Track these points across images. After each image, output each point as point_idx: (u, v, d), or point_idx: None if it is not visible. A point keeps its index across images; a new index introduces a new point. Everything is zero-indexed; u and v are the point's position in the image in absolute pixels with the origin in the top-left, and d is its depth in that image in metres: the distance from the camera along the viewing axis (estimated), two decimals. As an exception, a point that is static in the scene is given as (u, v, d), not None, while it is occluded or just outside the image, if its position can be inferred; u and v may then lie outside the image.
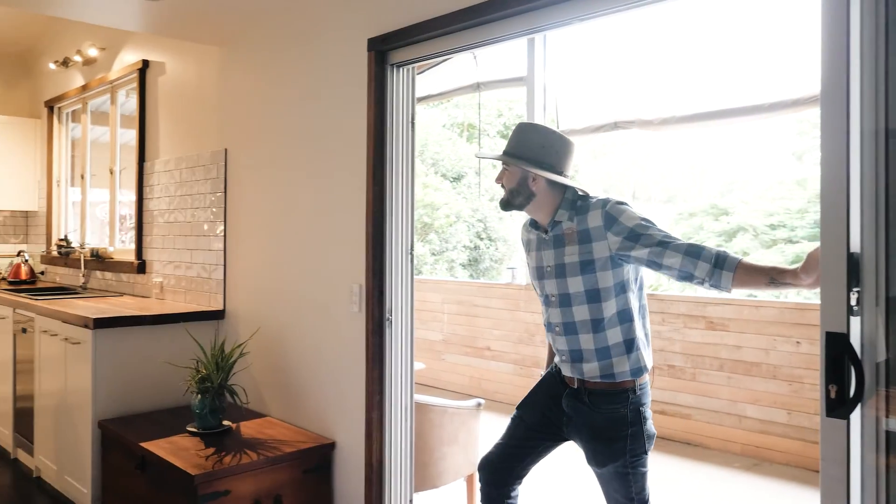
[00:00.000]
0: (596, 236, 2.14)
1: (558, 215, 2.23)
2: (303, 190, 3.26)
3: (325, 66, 3.13)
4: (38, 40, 5.91)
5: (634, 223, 2.10)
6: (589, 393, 2.22)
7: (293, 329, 3.33)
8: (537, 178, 2.23)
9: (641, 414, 2.20)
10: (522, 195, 2.27)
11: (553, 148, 2.25)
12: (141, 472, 3.01)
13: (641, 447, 2.19)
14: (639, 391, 2.20)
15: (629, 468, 2.18)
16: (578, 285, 2.18)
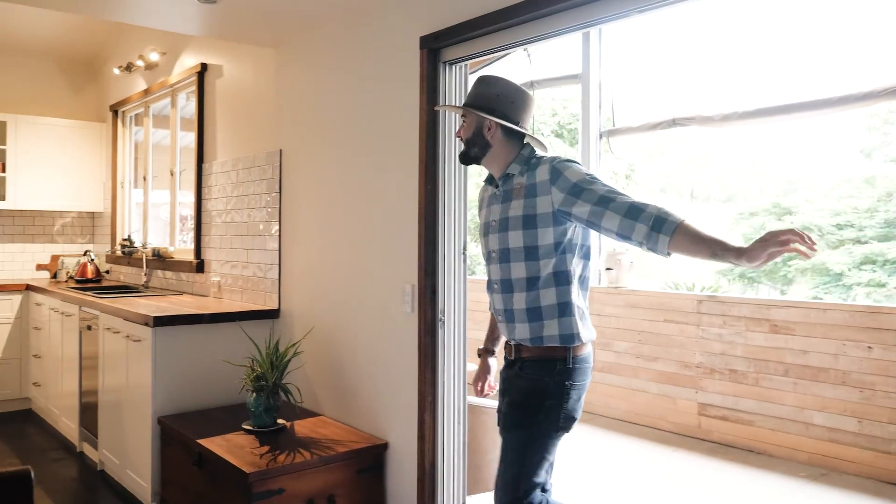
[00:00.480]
0: (541, 191, 2.07)
1: (511, 168, 2.17)
2: (356, 189, 3.26)
3: (378, 66, 3.12)
4: (103, 47, 6.10)
5: (578, 178, 2.02)
6: (521, 362, 2.14)
7: (346, 329, 3.33)
8: (493, 127, 2.17)
9: (565, 389, 2.08)
10: (478, 145, 2.21)
11: (508, 98, 2.17)
12: (198, 469, 3.06)
13: (554, 426, 2.07)
14: (570, 364, 2.08)
15: (529, 442, 2.06)
16: (518, 240, 2.11)
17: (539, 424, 2.07)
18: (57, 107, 6.26)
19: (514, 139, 2.20)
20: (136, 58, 5.36)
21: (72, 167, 6.06)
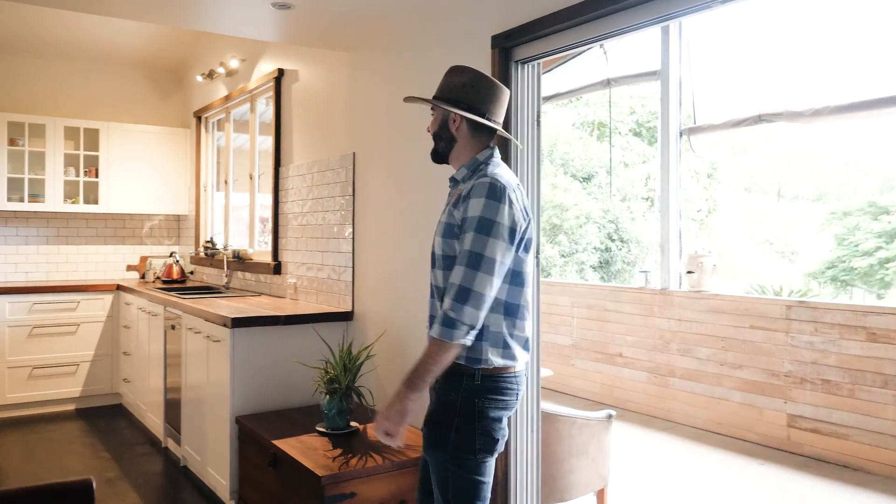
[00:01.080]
0: (462, 203, 1.94)
1: (458, 173, 2.06)
2: (426, 191, 3.24)
3: (450, 66, 3.08)
4: (187, 56, 6.32)
5: (470, 214, 1.88)
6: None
7: (419, 333, 3.31)
8: (458, 119, 2.04)
9: (476, 407, 1.93)
10: (444, 139, 2.10)
11: (475, 88, 2.02)
12: (273, 469, 3.10)
13: (471, 447, 1.92)
14: (478, 380, 1.94)
15: (450, 465, 1.92)
16: (440, 247, 2.01)
17: (454, 445, 1.92)
18: (145, 114, 6.53)
19: (482, 134, 2.07)
20: (217, 65, 5.52)
21: (159, 172, 6.31)
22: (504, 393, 1.98)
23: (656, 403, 5.56)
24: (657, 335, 5.59)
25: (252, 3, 3.22)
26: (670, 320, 5.46)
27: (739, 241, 12.55)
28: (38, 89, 6.08)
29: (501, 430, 1.99)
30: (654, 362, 5.61)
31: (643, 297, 5.74)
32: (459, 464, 1.94)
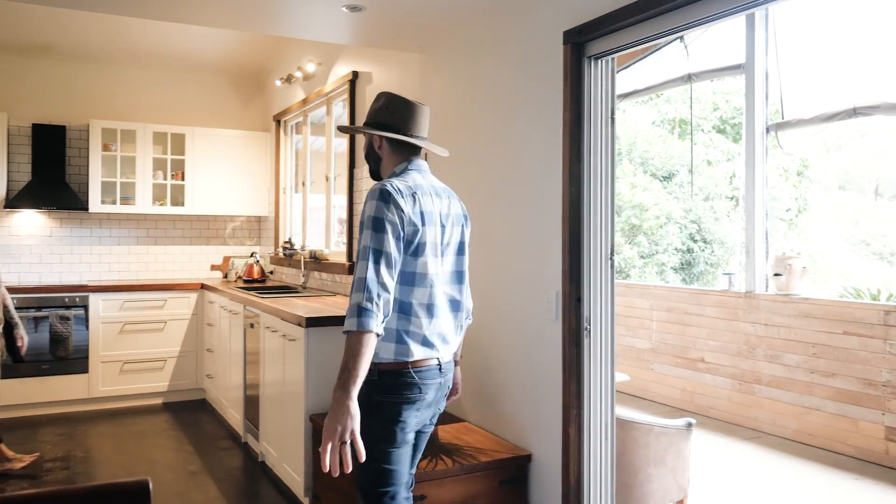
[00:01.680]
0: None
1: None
2: (497, 192, 3.19)
3: (520, 64, 3.03)
4: (267, 61, 6.49)
5: (365, 216, 2.08)
6: None
7: (489, 335, 3.27)
8: (379, 139, 2.27)
9: (373, 401, 2.11)
10: (372, 158, 2.32)
11: (389, 109, 2.25)
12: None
13: (373, 437, 2.10)
14: (374, 376, 2.11)
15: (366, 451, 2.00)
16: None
17: (363, 433, 2.01)
18: (228, 119, 6.75)
19: (403, 149, 2.27)
20: (295, 70, 5.64)
21: (241, 174, 6.50)
22: (401, 387, 2.13)
23: (740, 411, 5.32)
24: (742, 340, 5.35)
25: (325, 6, 3.26)
26: (756, 325, 5.22)
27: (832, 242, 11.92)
28: (129, 97, 6.38)
29: (401, 422, 2.14)
30: (739, 368, 5.37)
31: (727, 300, 5.51)
32: (370, 450, 2.06)
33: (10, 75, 5.97)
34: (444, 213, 2.23)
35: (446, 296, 2.24)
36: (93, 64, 6.24)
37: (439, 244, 2.20)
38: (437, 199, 2.22)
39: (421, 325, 2.15)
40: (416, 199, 2.13)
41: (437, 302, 2.18)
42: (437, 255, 2.19)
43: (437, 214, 2.20)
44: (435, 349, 2.19)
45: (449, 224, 2.24)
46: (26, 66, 6.02)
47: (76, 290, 5.64)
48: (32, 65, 6.04)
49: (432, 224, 2.17)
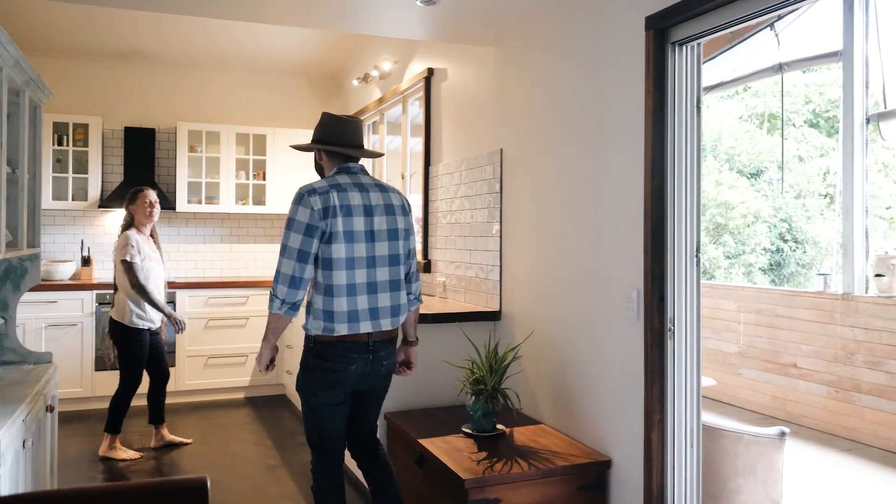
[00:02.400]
0: None
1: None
2: (576, 186, 3.09)
3: (599, 53, 2.92)
4: (345, 61, 6.56)
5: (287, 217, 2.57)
6: None
7: (567, 334, 3.17)
8: (317, 152, 2.76)
9: (310, 363, 2.63)
10: (318, 169, 2.83)
11: (322, 126, 2.72)
12: (419, 468, 3.09)
13: (308, 391, 2.65)
14: (311, 344, 2.62)
15: (303, 405, 2.71)
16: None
17: (302, 389, 2.68)
18: (307, 119, 6.86)
19: (336, 157, 2.71)
20: (371, 68, 5.67)
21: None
22: (328, 354, 2.59)
23: (837, 421, 4.99)
24: (838, 345, 5.02)
25: (400, 1, 3.24)
26: (854, 329, 4.88)
27: (939, 242, 11.11)
28: (214, 100, 6.57)
29: (329, 384, 2.61)
30: (835, 375, 5.04)
31: (822, 302, 5.18)
32: (306, 402, 2.69)
33: (104, 81, 6.25)
34: (370, 204, 2.60)
35: (375, 277, 2.61)
36: (180, 68, 6.46)
37: (363, 232, 2.58)
38: (362, 194, 2.60)
39: (343, 304, 2.53)
40: (330, 196, 2.52)
41: (359, 282, 2.56)
42: (361, 242, 2.57)
43: (360, 206, 2.58)
44: (361, 325, 2.57)
45: (378, 214, 2.62)
46: (120, 72, 6.29)
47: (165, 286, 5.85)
48: (125, 70, 6.31)
49: (350, 215, 2.55)
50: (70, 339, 5.55)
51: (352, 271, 2.54)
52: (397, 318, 2.68)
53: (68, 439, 4.80)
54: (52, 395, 2.96)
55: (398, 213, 2.68)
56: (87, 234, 6.20)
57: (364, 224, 2.57)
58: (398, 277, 2.67)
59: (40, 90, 2.93)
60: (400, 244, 2.68)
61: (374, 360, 2.63)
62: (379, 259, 2.61)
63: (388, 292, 2.63)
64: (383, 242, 2.62)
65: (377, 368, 2.66)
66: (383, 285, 2.61)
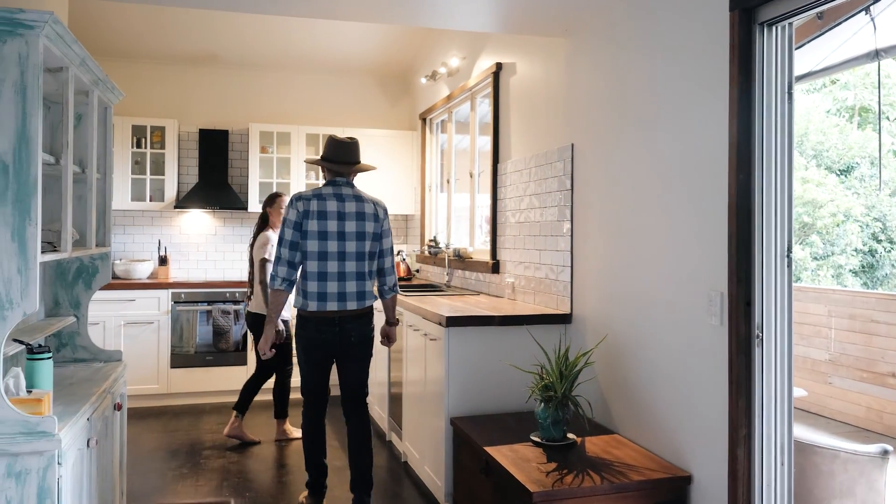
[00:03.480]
0: None
1: None
2: (652, 182, 2.90)
3: (678, 38, 2.72)
4: (413, 59, 6.51)
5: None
6: None
7: (643, 339, 2.98)
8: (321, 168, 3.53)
9: (296, 331, 3.46)
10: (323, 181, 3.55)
11: (326, 147, 3.45)
12: (485, 477, 2.97)
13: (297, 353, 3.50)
14: (297, 317, 3.44)
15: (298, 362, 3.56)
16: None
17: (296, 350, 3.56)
18: (375, 118, 6.85)
19: (331, 172, 3.43)
20: (439, 65, 5.58)
21: (388, 173, 6.56)
22: (306, 327, 3.37)
23: (943, 436, 4.59)
24: (944, 353, 4.61)
25: (466, -7, 3.13)
26: (963, 336, 4.47)
27: None
28: (284, 100, 6.63)
29: (306, 348, 3.42)
30: (940, 386, 4.63)
31: (925, 306, 4.78)
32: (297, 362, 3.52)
33: (180, 84, 6.40)
34: (343, 211, 3.31)
35: (345, 268, 3.32)
36: (252, 70, 6.55)
37: (335, 232, 3.29)
38: (338, 202, 3.32)
39: (315, 287, 3.30)
40: (311, 202, 3.28)
41: (329, 271, 3.30)
42: (333, 240, 3.29)
43: (335, 212, 3.29)
44: (328, 304, 3.31)
45: (349, 219, 3.31)
46: (195, 75, 6.43)
47: (236, 285, 5.93)
48: (200, 73, 6.44)
49: (325, 218, 3.28)
50: (147, 336, 5.69)
51: (323, 262, 3.28)
52: (363, 301, 3.39)
53: (143, 435, 4.91)
54: (120, 394, 2.99)
55: (368, 220, 3.35)
56: (164, 235, 6.35)
57: (336, 226, 3.29)
58: (364, 270, 3.37)
59: (110, 90, 2.96)
60: (367, 244, 3.35)
61: (341, 332, 3.35)
62: (348, 254, 3.32)
63: (355, 280, 3.34)
64: (352, 241, 3.32)
65: (346, 338, 3.38)
66: (351, 275, 3.33)
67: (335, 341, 3.36)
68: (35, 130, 2.02)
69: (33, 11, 1.99)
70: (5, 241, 2.00)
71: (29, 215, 2.02)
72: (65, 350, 3.09)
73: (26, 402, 2.05)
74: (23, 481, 2.01)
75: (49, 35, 2.08)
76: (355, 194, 3.38)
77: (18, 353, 2.48)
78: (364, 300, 3.39)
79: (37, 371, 2.18)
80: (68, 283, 3.07)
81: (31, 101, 2.02)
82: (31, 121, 2.02)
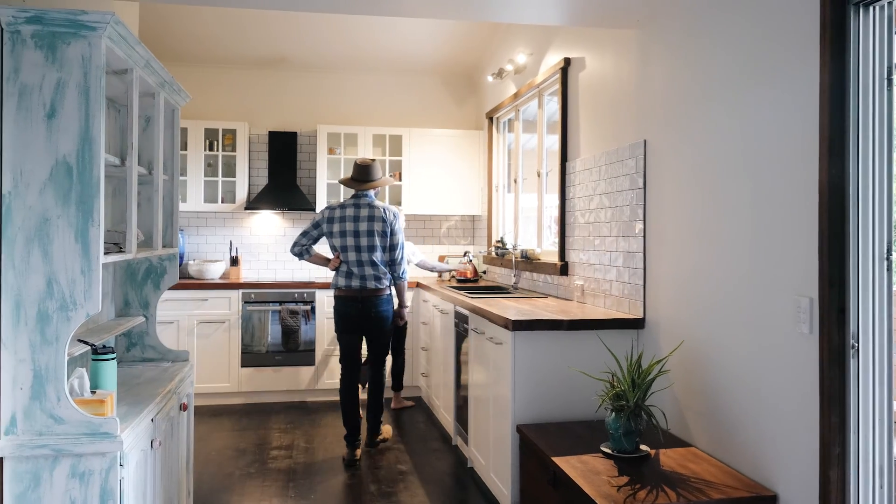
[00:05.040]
0: None
1: None
2: (733, 178, 2.71)
3: (761, 24, 2.53)
4: (480, 57, 6.41)
5: None
6: None
7: (723, 347, 2.79)
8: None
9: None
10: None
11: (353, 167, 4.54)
12: (552, 488, 2.84)
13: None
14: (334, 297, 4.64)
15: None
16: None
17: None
18: (442, 118, 6.79)
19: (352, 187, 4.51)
20: (506, 63, 5.47)
21: (455, 173, 6.49)
22: (337, 304, 4.46)
23: None
24: None
25: (533, -16, 3.02)
26: None
27: None
28: (352, 102, 6.65)
29: (338, 321, 4.47)
30: None
31: None
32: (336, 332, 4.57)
33: (251, 87, 6.50)
34: (357, 215, 4.35)
35: (361, 258, 4.35)
36: (320, 72, 6.59)
37: (350, 231, 4.34)
38: (355, 209, 4.37)
39: (342, 273, 4.42)
40: (334, 211, 4.41)
41: (349, 260, 4.36)
42: (347, 237, 4.34)
43: (351, 217, 4.36)
44: (351, 284, 4.37)
45: (361, 221, 4.34)
46: (264, 78, 6.52)
47: (304, 286, 5.97)
48: (270, 76, 6.52)
49: (343, 221, 4.36)
50: (218, 335, 5.79)
51: (345, 253, 4.37)
52: (376, 283, 4.36)
53: (213, 433, 4.98)
54: (186, 394, 3.01)
55: (377, 221, 4.35)
56: (236, 235, 6.47)
57: (352, 227, 4.34)
58: (376, 259, 4.35)
59: (176, 92, 2.99)
60: (377, 239, 4.34)
61: (363, 308, 4.37)
62: (362, 248, 4.34)
63: (369, 267, 4.35)
64: (364, 238, 4.33)
65: (367, 313, 4.38)
66: (366, 263, 4.35)
67: (358, 315, 4.38)
68: (98, 132, 2.03)
69: (95, 13, 1.99)
70: (69, 242, 2.02)
71: (92, 216, 2.03)
72: (134, 350, 3.14)
73: (90, 402, 2.06)
74: (86, 482, 2.02)
75: (111, 36, 2.08)
76: (369, 203, 4.40)
77: (84, 353, 2.51)
78: (377, 282, 4.36)
79: (101, 372, 2.19)
80: (137, 284, 3.12)
81: (93, 103, 2.02)
82: (93, 122, 2.02)
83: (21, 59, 1.99)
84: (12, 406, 1.99)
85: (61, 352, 2.01)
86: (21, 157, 1.99)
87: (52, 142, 2.00)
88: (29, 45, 1.99)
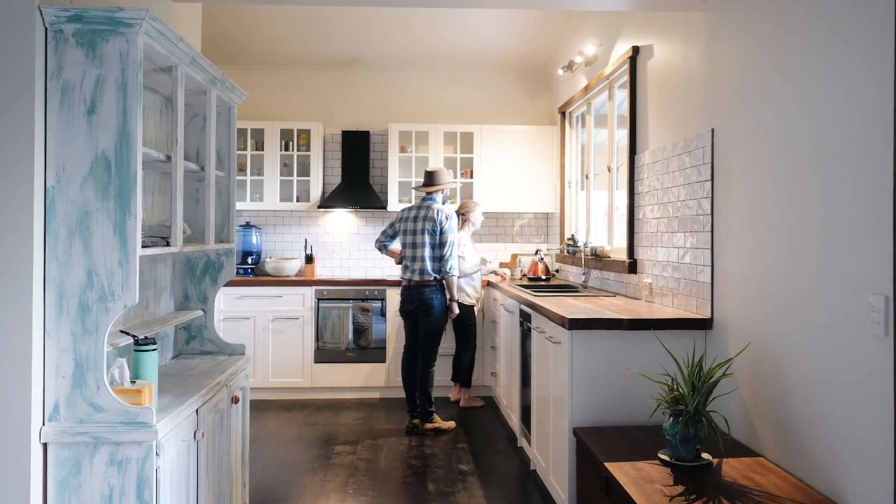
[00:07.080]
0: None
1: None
2: (806, 168, 2.49)
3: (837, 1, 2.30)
4: (551, 51, 6.26)
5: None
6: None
7: (793, 349, 2.57)
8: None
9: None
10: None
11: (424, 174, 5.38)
12: (605, 495, 2.70)
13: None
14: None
15: None
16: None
17: None
18: (515, 114, 6.68)
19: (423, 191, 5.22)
20: (575, 55, 5.31)
21: (527, 170, 6.37)
22: (401, 292, 5.15)
23: None
24: None
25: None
26: None
27: None
28: (423, 100, 6.65)
29: (400, 307, 5.18)
30: None
31: None
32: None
33: (325, 88, 6.61)
34: (417, 216, 5.00)
35: (415, 254, 4.96)
36: (391, 71, 6.62)
37: (411, 230, 4.99)
38: (417, 210, 5.02)
39: (403, 267, 5.10)
40: (404, 213, 5.10)
41: (407, 254, 5.03)
42: (407, 235, 5.02)
43: (412, 217, 5.02)
44: (407, 275, 5.02)
45: (419, 221, 4.97)
46: (338, 79, 6.61)
47: (375, 284, 6.00)
48: (342, 77, 6.61)
49: (407, 221, 5.04)
50: (293, 331, 5.91)
51: (405, 249, 5.05)
52: (428, 273, 4.92)
53: (285, 427, 5.08)
54: (239, 387, 3.05)
55: (428, 220, 4.93)
56: (311, 234, 6.59)
57: (412, 226, 4.99)
58: (427, 255, 4.92)
59: (230, 90, 3.03)
60: (427, 237, 4.92)
61: (410, 295, 5.00)
62: (417, 244, 4.96)
63: (422, 261, 4.93)
64: (420, 235, 4.94)
65: (417, 299, 4.96)
66: (420, 258, 4.94)
67: (409, 301, 5.02)
68: (135, 126, 2.07)
69: (131, 9, 2.03)
70: (108, 235, 2.06)
71: (129, 209, 2.07)
72: (193, 343, 3.22)
73: (128, 392, 2.10)
74: (124, 470, 2.07)
75: (149, 32, 2.12)
76: (429, 205, 5.00)
77: (129, 345, 2.58)
78: (426, 275, 4.93)
79: (142, 362, 2.23)
80: (196, 279, 3.19)
81: (131, 98, 2.06)
82: (131, 117, 2.06)
83: (63, 58, 2.06)
84: (55, 393, 2.06)
85: (101, 342, 2.06)
86: (63, 152, 2.05)
87: (92, 137, 2.06)
88: (70, 43, 2.06)
